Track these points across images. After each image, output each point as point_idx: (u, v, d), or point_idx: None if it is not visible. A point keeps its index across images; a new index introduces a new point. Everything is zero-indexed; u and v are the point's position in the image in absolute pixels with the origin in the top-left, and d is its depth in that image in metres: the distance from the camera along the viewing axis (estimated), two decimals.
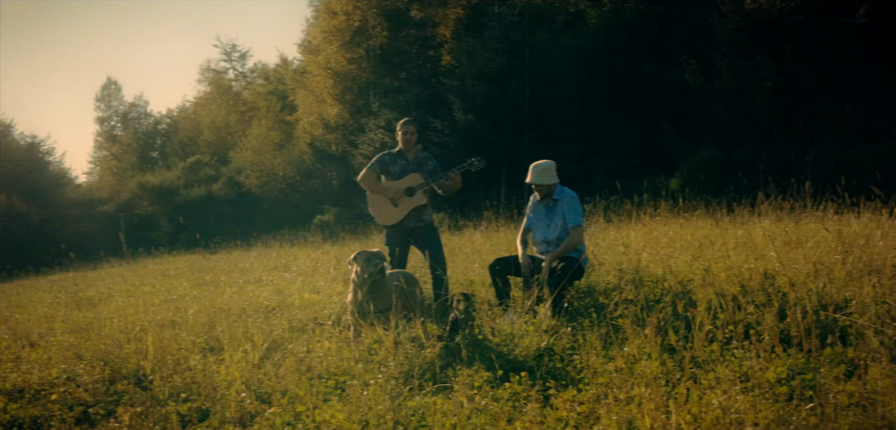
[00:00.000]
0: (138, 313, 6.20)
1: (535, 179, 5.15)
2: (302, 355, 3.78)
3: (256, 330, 4.70)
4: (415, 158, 5.66)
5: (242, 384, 3.48)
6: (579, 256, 5.08)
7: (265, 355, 3.95)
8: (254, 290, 7.73)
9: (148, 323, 5.69)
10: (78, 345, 4.70)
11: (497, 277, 5.11)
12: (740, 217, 8.34)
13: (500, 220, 10.88)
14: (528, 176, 5.20)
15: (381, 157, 5.67)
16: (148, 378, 3.70)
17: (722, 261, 5.30)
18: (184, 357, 4.02)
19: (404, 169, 5.57)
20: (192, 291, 8.54)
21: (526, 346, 3.81)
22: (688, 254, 6.17)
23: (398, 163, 5.61)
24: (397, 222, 5.45)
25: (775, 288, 4.22)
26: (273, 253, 13.80)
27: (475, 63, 21.01)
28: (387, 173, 5.60)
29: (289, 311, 5.57)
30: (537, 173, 5.16)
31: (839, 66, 16.85)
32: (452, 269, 7.03)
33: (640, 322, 3.79)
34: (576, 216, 5.08)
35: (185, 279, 10.59)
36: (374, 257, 4.31)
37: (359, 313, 4.23)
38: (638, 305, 4.02)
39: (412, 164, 5.62)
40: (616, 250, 7.31)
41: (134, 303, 7.25)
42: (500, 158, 20.28)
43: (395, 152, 5.68)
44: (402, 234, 5.52)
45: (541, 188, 5.17)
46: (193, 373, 3.65)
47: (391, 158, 5.63)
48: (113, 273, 14.07)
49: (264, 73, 40.57)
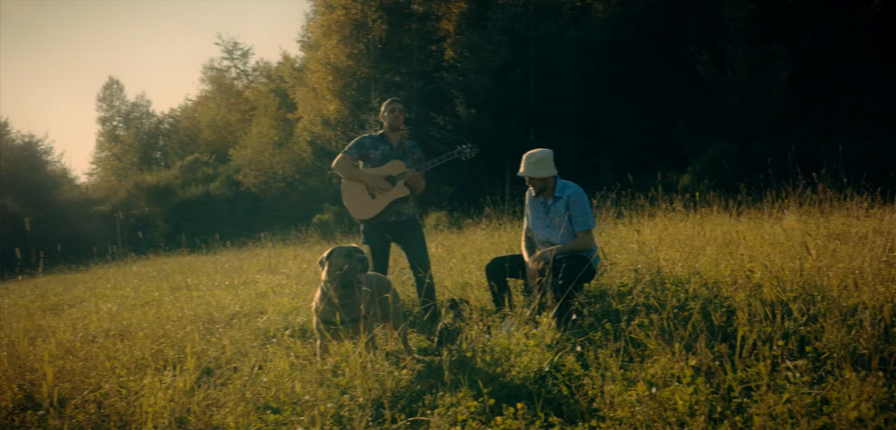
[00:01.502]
0: (92, 322, 5.52)
1: (528, 171, 4.33)
2: (247, 379, 3.08)
3: (208, 343, 4.02)
4: (400, 145, 4.96)
5: (169, 416, 2.78)
6: (590, 255, 4.35)
7: (206, 375, 3.24)
8: (229, 294, 7.07)
9: (98, 332, 5.03)
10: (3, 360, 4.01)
11: (494, 279, 4.37)
12: (761, 213, 7.64)
13: (504, 218, 10.17)
14: (521, 167, 4.41)
15: (360, 139, 4.94)
16: (56, 406, 2.99)
17: (754, 260, 4.58)
18: (110, 379, 3.32)
19: (386, 155, 4.86)
20: (167, 294, 7.91)
21: (524, 365, 3.10)
22: (711, 252, 5.46)
23: (380, 148, 4.89)
24: (374, 215, 4.74)
25: (825, 291, 3.49)
26: (265, 253, 13.21)
27: (478, 56, 20.29)
28: (366, 159, 4.89)
29: (255, 319, 4.89)
30: (531, 165, 4.34)
31: (859, 55, 15.99)
32: (447, 271, 6.32)
33: (665, 335, 3.07)
34: (584, 219, 4.30)
35: (167, 281, 9.98)
36: (354, 252, 3.58)
37: (324, 323, 3.53)
38: (661, 313, 3.30)
39: (396, 150, 4.92)
40: (629, 248, 6.62)
41: (98, 309, 6.59)
42: (504, 154, 19.56)
43: (378, 135, 4.96)
44: (380, 229, 4.81)
45: (535, 182, 4.38)
46: (111, 400, 2.95)
47: (372, 142, 4.92)
48: (98, 275, 13.50)
49: (267, 71, 40.08)
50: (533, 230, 4.57)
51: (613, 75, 20.56)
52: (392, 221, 4.82)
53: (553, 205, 4.41)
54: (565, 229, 4.33)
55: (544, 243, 4.43)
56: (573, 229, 4.32)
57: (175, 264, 13.65)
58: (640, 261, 5.49)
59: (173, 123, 45.66)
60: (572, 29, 20.95)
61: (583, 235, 4.29)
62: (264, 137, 28.00)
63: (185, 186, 26.90)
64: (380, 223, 4.79)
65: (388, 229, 4.82)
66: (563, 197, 4.36)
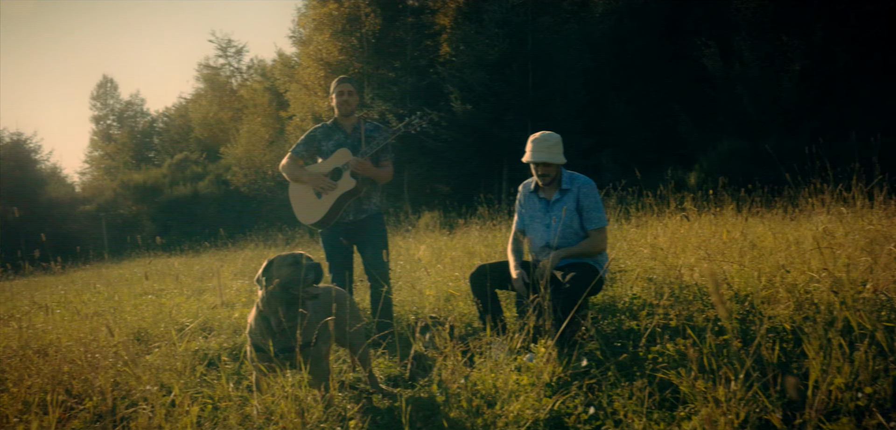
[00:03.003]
0: (14, 338, 4.72)
1: (542, 156, 3.55)
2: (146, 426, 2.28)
3: (123, 374, 3.23)
4: (354, 130, 4.15)
5: None
6: (599, 263, 3.55)
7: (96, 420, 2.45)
8: (194, 302, 6.29)
9: (17, 349, 4.25)
10: None
11: (479, 292, 3.55)
12: (784, 212, 6.89)
13: (499, 218, 9.36)
14: (527, 153, 3.62)
15: (311, 133, 4.17)
16: None
17: (793, 266, 3.80)
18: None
19: (339, 144, 4.09)
20: (128, 301, 7.14)
21: (516, 414, 2.30)
22: (733, 255, 4.69)
23: (333, 137, 4.12)
24: (321, 217, 3.96)
25: None
26: (246, 255, 12.45)
27: (474, 50, 19.51)
28: (320, 153, 4.12)
29: (202, 336, 4.09)
30: (546, 148, 3.56)
31: (876, 45, 15.18)
32: (430, 280, 5.53)
33: (705, 373, 2.29)
34: (599, 214, 3.54)
35: (137, 285, 9.25)
36: (301, 260, 2.78)
37: (256, 351, 2.75)
38: (694, 341, 2.50)
39: (351, 137, 4.12)
40: (638, 251, 5.84)
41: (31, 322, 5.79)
42: (501, 151, 18.80)
43: (330, 124, 4.19)
44: (335, 232, 4.03)
45: (549, 170, 3.60)
46: None
47: (325, 133, 4.14)
48: (72, 279, 12.75)
49: (262, 69, 39.37)
50: (527, 232, 3.78)
51: (615, 70, 19.78)
52: (349, 220, 4.03)
53: (557, 201, 3.63)
54: (566, 228, 3.54)
55: (541, 250, 3.63)
56: (582, 228, 3.54)
57: (152, 268, 12.89)
58: (654, 268, 4.71)
59: (167, 122, 45.00)
60: (572, 22, 20.17)
61: (596, 234, 3.51)
62: (255, 136, 27.23)
63: (173, 185, 26.06)
64: (337, 226, 4.01)
65: (346, 230, 4.03)
66: (573, 190, 3.59)
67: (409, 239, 9.38)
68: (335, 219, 3.96)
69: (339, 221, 3.98)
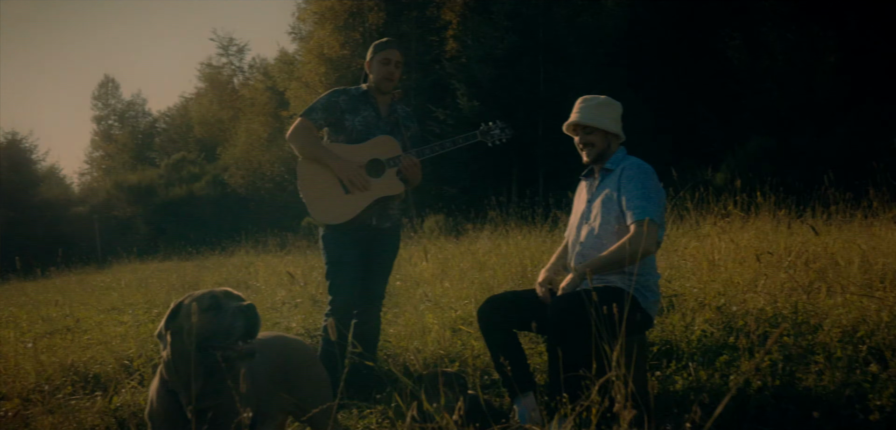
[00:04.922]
0: None
1: (584, 116, 2.60)
2: None
3: None
4: (391, 111, 3.11)
5: None
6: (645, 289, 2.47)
7: None
8: (146, 326, 5.31)
9: None
10: None
11: (492, 335, 2.53)
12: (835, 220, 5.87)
13: (510, 223, 8.32)
14: (574, 113, 2.63)
15: (332, 97, 3.03)
16: None
17: None
18: None
19: (370, 124, 3.02)
20: (94, 318, 6.13)
21: None
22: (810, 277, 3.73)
23: (362, 112, 3.03)
24: (349, 220, 2.92)
25: None
26: (234, 263, 11.52)
27: (482, 44, 18.76)
28: (340, 128, 3.01)
29: (123, 386, 3.10)
30: (581, 108, 2.62)
31: None
32: (432, 301, 4.53)
33: None
34: (642, 202, 2.41)
35: (102, 299, 8.31)
36: (225, 302, 1.79)
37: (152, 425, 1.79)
38: None
39: (386, 119, 3.08)
40: (684, 267, 4.86)
41: None
42: (510, 151, 17.81)
43: (359, 92, 3.07)
44: (353, 235, 2.98)
45: (587, 139, 2.61)
46: None
47: (350, 103, 3.03)
48: (50, 287, 11.88)
49: (264, 68, 38.75)
50: (567, 230, 2.78)
51: (631, 64, 18.84)
52: (372, 225, 3.01)
53: (603, 182, 2.62)
54: (602, 227, 2.51)
55: (575, 257, 2.60)
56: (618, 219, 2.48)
57: (133, 275, 12.00)
58: (721, 294, 3.68)
59: (169, 122, 44.49)
60: (585, 14, 19.37)
61: (639, 227, 2.35)
62: (253, 136, 26.46)
63: (169, 187, 25.24)
64: (360, 229, 2.98)
65: (365, 237, 3.01)
66: (616, 171, 2.57)
67: (411, 246, 8.38)
68: (362, 221, 2.95)
69: (364, 223, 2.96)
